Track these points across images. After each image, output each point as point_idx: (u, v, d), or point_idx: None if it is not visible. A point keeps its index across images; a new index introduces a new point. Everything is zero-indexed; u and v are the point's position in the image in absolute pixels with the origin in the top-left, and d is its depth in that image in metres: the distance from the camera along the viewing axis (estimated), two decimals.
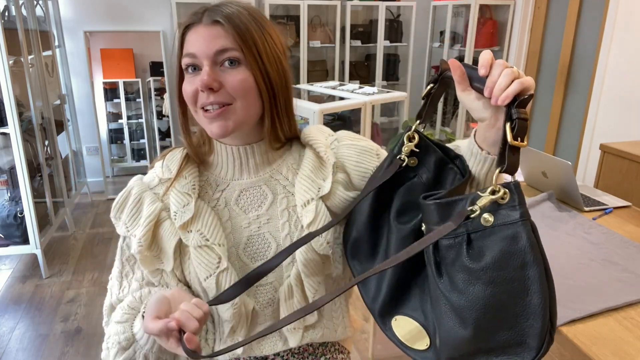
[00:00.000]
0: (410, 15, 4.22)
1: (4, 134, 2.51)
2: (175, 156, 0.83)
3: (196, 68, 0.73)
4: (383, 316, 0.71)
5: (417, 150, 0.72)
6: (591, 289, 1.18)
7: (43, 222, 2.77)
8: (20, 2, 2.71)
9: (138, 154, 4.16)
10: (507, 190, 0.56)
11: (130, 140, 4.09)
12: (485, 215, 0.56)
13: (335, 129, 0.90)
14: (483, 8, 3.82)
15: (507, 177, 0.60)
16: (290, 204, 0.82)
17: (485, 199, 0.56)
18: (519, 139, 0.57)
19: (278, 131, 0.80)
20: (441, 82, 0.71)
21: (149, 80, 3.94)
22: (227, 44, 0.71)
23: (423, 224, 0.65)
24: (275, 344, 0.84)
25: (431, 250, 0.62)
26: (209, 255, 0.77)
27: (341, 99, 2.82)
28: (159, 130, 4.11)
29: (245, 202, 0.82)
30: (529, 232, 0.54)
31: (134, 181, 0.82)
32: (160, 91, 3.99)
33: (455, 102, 4.12)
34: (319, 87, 3.23)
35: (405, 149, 0.72)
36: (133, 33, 3.83)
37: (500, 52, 3.87)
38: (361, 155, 0.83)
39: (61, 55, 3.58)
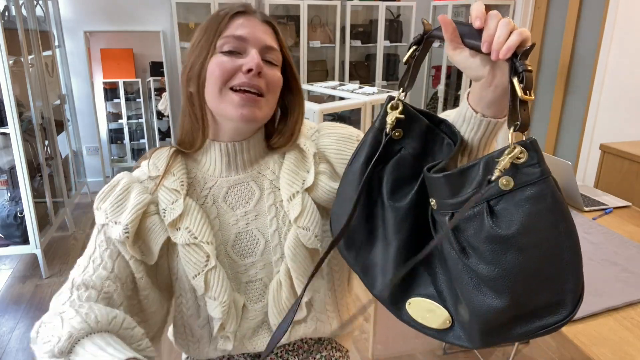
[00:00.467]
0: (410, 15, 4.22)
1: (4, 134, 2.50)
2: (162, 154, 0.82)
3: (233, 52, 0.74)
4: (396, 302, 0.67)
5: (402, 119, 0.66)
6: (591, 289, 1.18)
7: (43, 222, 2.77)
8: (20, 2, 2.71)
9: (138, 154, 4.16)
10: (523, 148, 0.52)
11: (130, 140, 4.09)
12: (504, 179, 0.52)
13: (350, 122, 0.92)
14: None
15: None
16: (277, 199, 0.82)
17: (504, 160, 0.52)
18: (527, 92, 0.54)
19: (282, 137, 0.83)
20: (425, 44, 0.66)
21: (149, 80, 3.94)
22: (275, 45, 0.77)
23: (432, 199, 0.60)
24: (267, 340, 0.84)
25: (448, 225, 0.58)
26: (197, 254, 0.76)
27: (341, 99, 2.82)
28: (159, 130, 4.11)
29: (233, 198, 0.82)
30: (554, 189, 0.52)
31: (122, 174, 0.81)
32: (160, 91, 3.99)
33: (456, 102, 4.11)
34: (319, 87, 3.23)
35: (390, 118, 0.66)
36: (133, 33, 3.83)
37: None
38: (341, 142, 0.83)
39: (61, 55, 3.58)
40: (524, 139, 0.53)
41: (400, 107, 0.66)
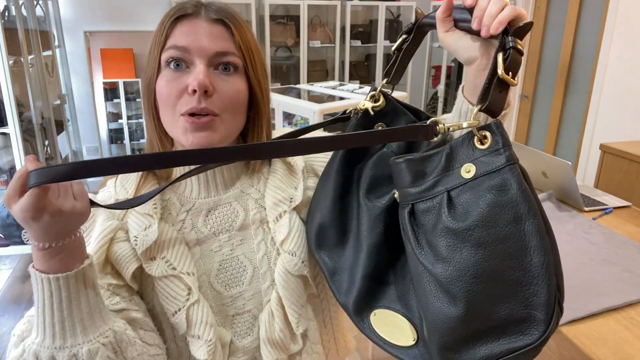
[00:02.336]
0: (410, 15, 4.22)
1: (4, 134, 2.51)
2: (131, 176, 0.71)
3: (180, 65, 0.63)
4: (360, 312, 0.60)
5: (386, 111, 0.62)
6: (591, 289, 1.18)
7: None
8: (20, 2, 2.71)
9: None
10: (487, 132, 0.47)
11: (130, 140, 4.09)
12: (466, 165, 0.48)
13: (335, 129, 0.88)
14: None
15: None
16: (264, 220, 0.72)
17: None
18: (510, 73, 0.48)
19: None
20: (416, 33, 0.61)
21: None
22: (230, 48, 0.64)
23: (396, 191, 0.56)
24: None
25: (407, 219, 0.52)
26: (176, 287, 0.66)
27: (341, 99, 2.82)
28: None
29: (215, 222, 0.71)
30: (519, 178, 0.45)
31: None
32: None
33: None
34: (319, 87, 3.23)
35: (362, 105, 0.61)
36: (133, 33, 3.83)
37: None
38: (330, 154, 0.74)
39: (61, 55, 3.58)
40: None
41: (381, 101, 0.62)
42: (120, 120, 4.02)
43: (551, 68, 3.50)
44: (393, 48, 0.63)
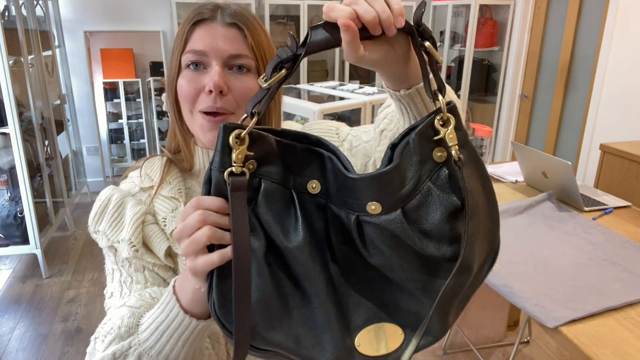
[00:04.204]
0: (410, 15, 4.21)
1: (4, 134, 2.51)
2: (155, 164, 0.77)
3: (198, 66, 0.69)
4: (350, 355, 0.53)
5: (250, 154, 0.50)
6: (591, 289, 1.18)
7: (43, 222, 2.77)
8: (20, 2, 2.71)
9: (138, 154, 4.16)
10: (450, 114, 0.51)
11: (130, 140, 4.09)
12: (437, 150, 0.51)
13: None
14: (483, 8, 3.82)
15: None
16: None
17: (448, 132, 0.50)
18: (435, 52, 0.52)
19: None
20: (295, 61, 0.51)
21: (149, 80, 3.94)
22: (243, 50, 0.69)
23: (372, 204, 0.49)
24: None
25: (399, 224, 0.50)
26: None
27: (341, 99, 2.82)
28: (159, 130, 4.11)
29: None
30: (474, 148, 0.52)
31: (110, 190, 0.74)
32: (160, 91, 3.99)
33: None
34: (319, 87, 3.23)
35: (238, 155, 0.48)
36: (133, 33, 3.83)
37: (500, 52, 3.87)
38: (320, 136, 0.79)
39: (61, 55, 3.58)
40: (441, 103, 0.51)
41: (247, 140, 0.49)
42: (120, 120, 4.02)
43: (551, 68, 3.50)
44: (267, 85, 0.50)
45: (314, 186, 0.53)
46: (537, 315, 1.09)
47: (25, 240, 2.63)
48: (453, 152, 0.49)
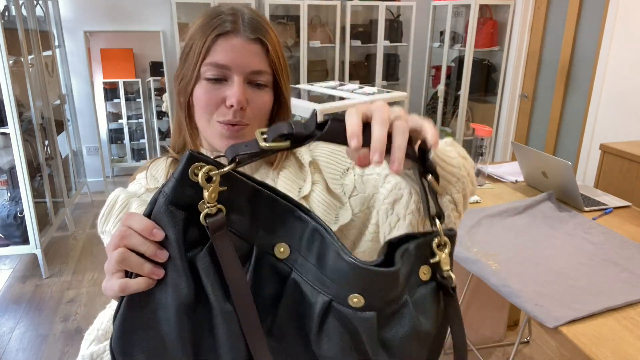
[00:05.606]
0: (410, 15, 4.22)
1: (4, 134, 2.51)
2: (160, 165, 0.79)
3: (220, 80, 0.70)
4: None
5: (223, 191, 0.45)
6: (591, 289, 1.18)
7: (43, 222, 2.77)
8: (20, 2, 2.71)
9: (138, 154, 4.16)
10: (448, 240, 0.50)
11: (130, 140, 4.09)
12: (424, 269, 0.51)
13: None
14: (483, 8, 3.82)
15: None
16: None
17: (443, 257, 0.49)
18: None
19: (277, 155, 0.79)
20: (303, 142, 0.46)
21: (149, 80, 3.94)
22: (264, 67, 0.71)
23: (355, 296, 0.45)
24: None
25: (368, 326, 0.46)
26: None
27: (341, 99, 2.82)
28: (159, 130, 4.11)
29: None
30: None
31: (118, 191, 0.76)
32: (160, 91, 3.99)
33: (456, 102, 4.12)
34: (319, 87, 3.23)
35: (210, 195, 0.43)
36: (133, 33, 3.83)
37: (500, 52, 3.87)
38: (331, 156, 0.79)
39: (61, 55, 3.58)
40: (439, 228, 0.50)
41: (217, 181, 0.44)
42: (120, 120, 4.02)
43: (551, 68, 3.50)
44: (265, 146, 0.44)
45: (282, 250, 0.47)
46: (537, 315, 1.09)
47: (25, 240, 2.63)
48: (445, 274, 0.49)
